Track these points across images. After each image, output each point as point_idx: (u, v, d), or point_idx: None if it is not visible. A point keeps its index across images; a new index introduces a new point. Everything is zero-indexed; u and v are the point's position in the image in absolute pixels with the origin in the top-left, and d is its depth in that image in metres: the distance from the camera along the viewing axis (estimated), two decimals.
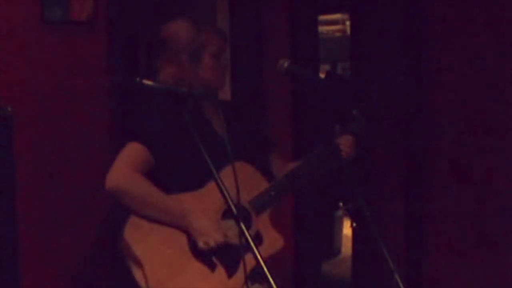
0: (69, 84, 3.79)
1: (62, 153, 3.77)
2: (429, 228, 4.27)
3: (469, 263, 4.12)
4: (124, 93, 3.96)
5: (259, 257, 2.15)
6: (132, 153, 2.74)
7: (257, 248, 2.67)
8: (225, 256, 2.69)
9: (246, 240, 2.20)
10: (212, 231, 2.67)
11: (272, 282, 2.11)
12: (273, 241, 2.80)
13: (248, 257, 2.65)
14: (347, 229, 6.55)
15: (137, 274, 2.63)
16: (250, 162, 2.88)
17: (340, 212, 6.57)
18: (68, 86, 3.79)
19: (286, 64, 2.71)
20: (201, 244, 2.66)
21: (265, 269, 2.13)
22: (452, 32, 4.14)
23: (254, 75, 4.33)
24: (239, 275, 2.69)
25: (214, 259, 2.69)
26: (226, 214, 2.73)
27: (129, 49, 4.19)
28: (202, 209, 2.67)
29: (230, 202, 2.22)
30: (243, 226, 2.19)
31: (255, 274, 2.68)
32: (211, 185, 2.68)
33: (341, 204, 2.58)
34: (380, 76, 4.48)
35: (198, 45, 2.84)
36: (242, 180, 2.71)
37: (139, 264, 2.62)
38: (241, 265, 2.66)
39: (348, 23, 7.41)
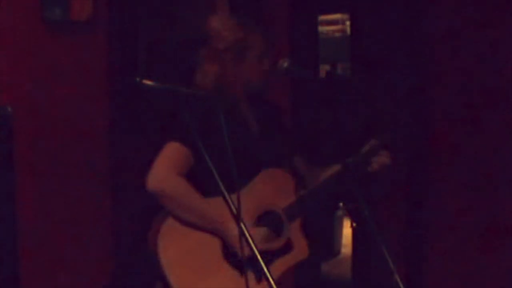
0: (69, 84, 3.79)
1: (62, 153, 3.77)
2: (429, 228, 4.27)
3: (469, 263, 4.12)
4: (124, 93, 3.97)
5: (261, 261, 2.15)
6: (172, 153, 2.71)
7: (284, 255, 2.73)
8: (254, 261, 2.69)
9: (250, 248, 2.19)
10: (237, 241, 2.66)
11: (272, 282, 2.10)
12: (300, 250, 2.80)
13: (277, 263, 2.72)
14: (347, 229, 6.55)
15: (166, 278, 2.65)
16: (282, 161, 2.86)
17: (340, 212, 6.58)
18: (68, 86, 3.79)
19: (286, 64, 2.70)
20: (238, 252, 2.65)
21: (266, 269, 2.13)
22: (452, 31, 4.14)
23: None
24: (267, 281, 2.70)
25: (245, 263, 2.69)
26: (260, 220, 2.74)
27: (129, 49, 4.19)
28: (228, 218, 2.65)
29: (231, 204, 2.22)
30: (243, 227, 2.19)
31: (282, 282, 2.71)
32: (245, 190, 2.68)
33: (341, 204, 2.57)
34: (380, 76, 4.48)
35: (243, 45, 2.80)
36: (278, 187, 2.76)
37: (164, 270, 2.63)
38: (270, 270, 2.68)
39: (348, 23, 7.41)
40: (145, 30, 4.37)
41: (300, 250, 2.80)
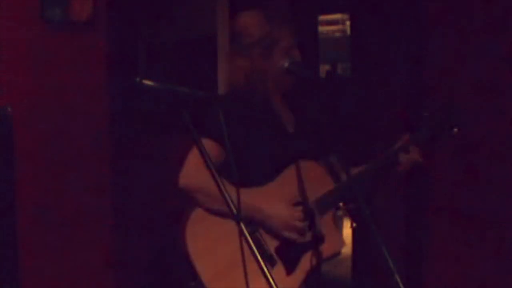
0: (69, 84, 3.79)
1: (62, 153, 3.77)
2: (429, 228, 4.27)
3: (469, 264, 4.12)
4: (124, 93, 3.97)
5: (261, 261, 2.14)
6: (204, 149, 2.74)
7: (317, 248, 2.69)
8: (285, 252, 2.69)
9: (246, 241, 2.19)
10: (289, 216, 2.66)
11: (272, 282, 2.10)
12: (333, 243, 2.76)
13: (308, 256, 2.69)
14: (347, 229, 6.55)
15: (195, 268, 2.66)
16: (317, 157, 2.85)
17: (340, 212, 6.57)
18: (68, 86, 3.79)
19: (286, 64, 2.70)
20: (286, 234, 2.66)
21: (265, 269, 2.12)
22: (452, 31, 4.14)
23: None
24: (298, 273, 2.68)
25: (274, 255, 2.69)
26: (298, 204, 2.73)
27: (129, 49, 4.19)
28: (274, 201, 2.66)
29: (231, 203, 2.21)
30: (243, 227, 2.18)
31: (312, 279, 2.70)
32: (276, 182, 2.68)
33: (341, 204, 2.57)
34: (380, 76, 4.48)
35: (270, 40, 2.77)
36: (309, 179, 2.72)
37: (192, 261, 2.64)
38: (300, 263, 2.67)
39: (348, 23, 7.41)
40: (145, 30, 4.37)
41: (332, 244, 2.76)
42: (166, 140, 4.28)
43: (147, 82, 2.30)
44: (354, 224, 2.94)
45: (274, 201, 2.63)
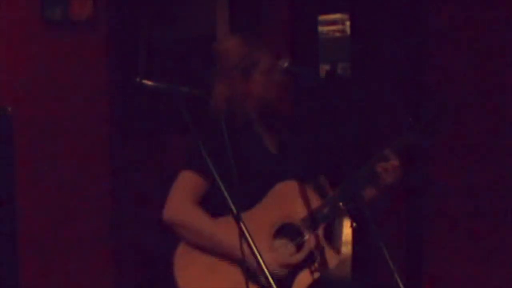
0: (69, 84, 3.79)
1: (62, 153, 3.77)
2: (429, 227, 4.27)
3: (469, 263, 4.12)
4: (124, 93, 3.97)
5: (263, 265, 2.14)
6: (186, 182, 2.73)
7: (308, 268, 2.68)
8: (279, 279, 2.67)
9: (249, 244, 2.18)
10: (273, 264, 2.64)
11: (272, 282, 2.10)
12: (326, 259, 2.75)
13: (301, 276, 2.68)
14: (347, 229, 6.54)
15: None
16: (303, 180, 2.84)
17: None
18: (68, 86, 3.79)
19: (286, 64, 2.70)
20: (262, 280, 2.64)
21: (268, 274, 2.11)
22: (452, 31, 4.14)
23: None
24: None
25: (265, 282, 2.67)
26: (279, 232, 2.71)
27: (129, 49, 4.19)
28: (254, 232, 2.63)
29: (232, 205, 2.21)
30: (243, 227, 2.18)
31: None
32: (260, 205, 2.68)
33: (341, 204, 2.57)
34: (380, 76, 4.48)
35: (249, 62, 2.77)
36: (295, 198, 2.71)
37: None
38: (294, 285, 2.66)
39: (348, 23, 7.41)
40: (145, 30, 4.37)
41: (325, 260, 2.75)
42: (166, 140, 4.28)
43: (147, 82, 2.30)
44: (354, 224, 2.92)
45: (257, 233, 2.51)
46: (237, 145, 2.56)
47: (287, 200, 2.72)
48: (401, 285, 2.27)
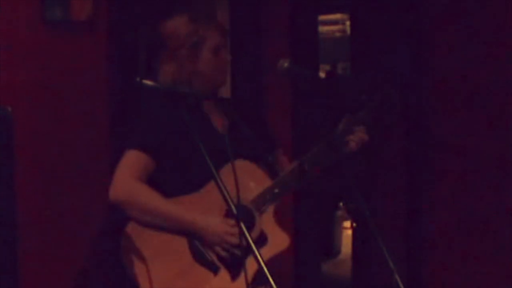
0: (69, 84, 3.79)
1: (62, 153, 3.77)
2: (429, 227, 4.27)
3: (469, 263, 4.12)
4: (124, 93, 3.96)
5: (259, 258, 2.13)
6: (132, 161, 2.72)
7: (260, 248, 2.62)
8: (228, 258, 2.66)
9: (247, 241, 2.18)
10: (224, 232, 2.64)
11: (272, 282, 2.10)
12: (278, 240, 2.73)
13: (252, 258, 2.65)
14: (347, 229, 6.55)
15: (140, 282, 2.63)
16: (253, 160, 2.82)
17: (340, 212, 6.57)
18: (68, 86, 3.78)
19: (286, 64, 2.69)
20: (219, 250, 2.62)
21: (265, 270, 2.12)
22: (453, 32, 4.14)
23: (254, 74, 4.33)
24: (243, 276, 2.63)
25: (216, 261, 2.66)
26: (229, 214, 2.68)
27: (129, 49, 4.19)
28: (205, 210, 2.64)
29: (230, 202, 2.21)
30: (243, 227, 2.18)
31: (260, 276, 2.65)
32: (211, 185, 2.63)
33: (341, 204, 2.56)
34: (380, 76, 4.48)
35: (196, 40, 2.76)
36: (243, 178, 2.67)
37: (137, 277, 2.62)
38: (245, 267, 2.62)
39: (348, 23, 7.41)
40: (145, 30, 4.36)
41: (277, 241, 2.72)
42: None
43: (147, 82, 2.30)
44: (354, 224, 2.92)
45: (208, 213, 2.58)
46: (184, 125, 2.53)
47: (238, 180, 2.64)
48: (401, 285, 2.27)
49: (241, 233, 2.21)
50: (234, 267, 2.65)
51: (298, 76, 2.79)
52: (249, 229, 2.65)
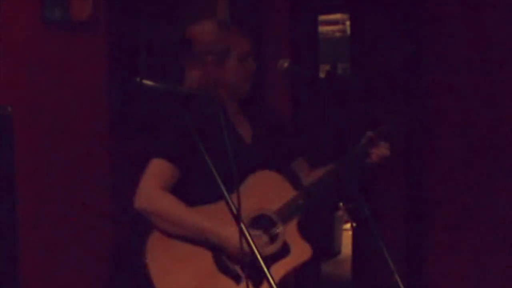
0: (69, 84, 3.79)
1: (62, 153, 3.77)
2: (429, 228, 4.27)
3: (469, 263, 4.12)
4: (124, 93, 3.96)
5: (263, 265, 2.12)
6: (157, 170, 2.73)
7: (282, 259, 2.66)
8: (250, 267, 2.64)
9: (251, 249, 2.17)
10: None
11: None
12: (300, 251, 2.72)
13: (275, 268, 2.64)
14: (347, 229, 6.55)
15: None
16: (276, 168, 2.80)
17: (340, 212, 6.57)
18: (68, 86, 3.79)
19: (286, 64, 2.69)
20: (239, 256, 2.61)
21: (269, 276, 2.11)
22: (452, 31, 4.14)
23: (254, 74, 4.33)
24: (265, 287, 2.63)
25: (239, 271, 2.65)
26: (252, 225, 2.68)
27: (129, 49, 4.19)
28: (228, 220, 2.60)
29: (233, 207, 2.20)
30: (243, 227, 2.18)
31: (283, 285, 2.66)
32: (234, 196, 2.64)
33: (341, 204, 2.55)
34: (380, 76, 4.48)
35: (224, 48, 2.76)
36: (269, 189, 2.70)
37: (153, 281, 2.62)
38: (267, 276, 2.63)
39: (348, 23, 7.41)
40: (145, 30, 4.37)
41: (299, 252, 2.72)
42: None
43: (147, 82, 2.30)
44: (354, 224, 2.92)
45: (230, 223, 2.49)
46: (209, 133, 2.51)
47: (262, 191, 2.70)
48: (401, 285, 2.27)
49: (242, 233, 2.20)
50: (257, 276, 2.63)
51: (298, 76, 2.78)
52: (273, 239, 2.68)
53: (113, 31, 3.95)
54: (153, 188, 2.70)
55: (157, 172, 2.72)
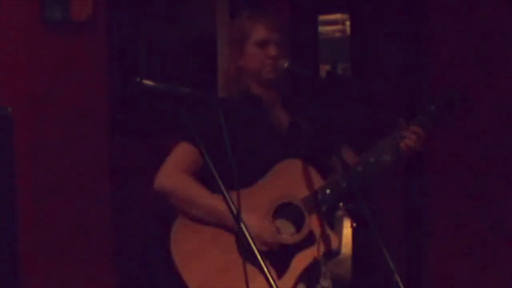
0: (69, 84, 3.79)
1: (62, 153, 3.77)
2: (429, 228, 4.27)
3: (468, 263, 4.13)
4: (124, 93, 3.97)
5: (260, 258, 2.12)
6: (182, 153, 2.70)
7: (308, 248, 2.62)
8: (275, 256, 2.63)
9: (247, 242, 2.16)
10: (265, 232, 2.61)
11: (272, 282, 2.09)
12: (327, 239, 2.69)
13: (300, 257, 2.61)
14: (347, 229, 6.55)
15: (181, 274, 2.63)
16: (312, 159, 2.73)
17: (340, 212, 6.56)
18: (68, 86, 3.79)
19: (286, 64, 2.68)
20: (257, 246, 2.59)
21: (266, 270, 2.10)
22: (452, 32, 4.14)
23: None
24: (289, 276, 2.61)
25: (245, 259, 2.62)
26: (278, 213, 2.66)
27: (129, 49, 4.20)
28: (252, 208, 2.61)
29: (230, 202, 2.20)
30: (243, 227, 2.17)
31: (305, 274, 2.63)
32: (261, 183, 2.64)
33: (341, 204, 2.55)
34: (380, 76, 4.48)
35: (242, 35, 2.73)
36: (296, 178, 2.66)
37: (178, 267, 2.62)
38: (291, 265, 2.59)
39: (348, 23, 7.42)
40: (145, 30, 4.37)
41: (325, 242, 2.69)
42: (167, 140, 4.28)
43: (147, 82, 2.30)
44: (354, 224, 2.91)
45: (251, 212, 2.51)
46: (241, 122, 2.53)
47: (289, 179, 2.67)
48: (401, 285, 2.27)
49: (242, 234, 2.19)
50: (281, 265, 2.61)
51: (298, 76, 2.77)
52: (299, 228, 2.64)
53: (113, 31, 3.95)
54: (174, 170, 2.69)
55: (181, 155, 2.70)
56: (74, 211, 3.80)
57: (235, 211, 2.18)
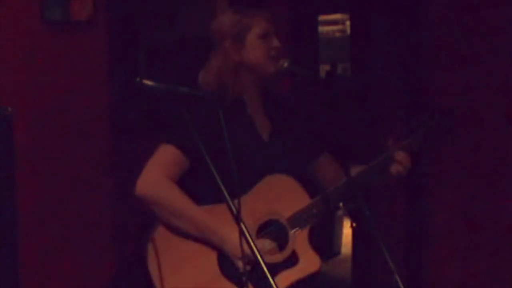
0: (69, 84, 3.79)
1: (62, 153, 3.77)
2: (429, 228, 4.27)
3: (469, 263, 4.12)
4: (124, 93, 3.97)
5: (265, 269, 2.10)
6: (165, 156, 2.58)
7: (290, 268, 2.52)
8: (256, 274, 2.45)
9: (254, 254, 2.13)
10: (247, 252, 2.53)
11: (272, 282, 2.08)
12: (309, 262, 2.58)
13: (281, 277, 2.51)
14: (347, 229, 6.55)
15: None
16: (296, 165, 2.66)
17: (340, 212, 6.56)
18: (68, 86, 3.79)
19: (286, 64, 2.66)
20: (239, 265, 2.47)
21: (272, 283, 2.08)
22: (452, 32, 4.14)
23: None
24: None
25: (244, 278, 2.53)
26: (262, 230, 2.58)
27: (129, 49, 4.19)
28: (232, 221, 2.37)
29: (231, 204, 2.19)
30: (244, 228, 2.17)
31: None
32: (249, 195, 2.53)
33: (341, 204, 2.54)
34: (380, 76, 4.48)
35: (240, 28, 2.62)
36: (282, 194, 2.57)
37: (152, 278, 2.53)
38: (273, 284, 2.55)
39: (348, 23, 7.42)
40: (145, 30, 4.37)
41: (308, 263, 2.59)
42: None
43: (147, 82, 2.30)
44: (354, 224, 2.89)
45: (231, 224, 2.32)
46: (227, 128, 2.35)
47: (275, 196, 2.57)
48: (401, 285, 2.27)
49: (242, 234, 2.19)
50: (262, 284, 2.53)
51: (298, 76, 2.76)
52: (282, 247, 2.57)
53: (113, 31, 3.95)
54: (158, 175, 2.55)
55: (164, 159, 2.57)
56: (74, 210, 3.80)
57: (235, 210, 2.17)
